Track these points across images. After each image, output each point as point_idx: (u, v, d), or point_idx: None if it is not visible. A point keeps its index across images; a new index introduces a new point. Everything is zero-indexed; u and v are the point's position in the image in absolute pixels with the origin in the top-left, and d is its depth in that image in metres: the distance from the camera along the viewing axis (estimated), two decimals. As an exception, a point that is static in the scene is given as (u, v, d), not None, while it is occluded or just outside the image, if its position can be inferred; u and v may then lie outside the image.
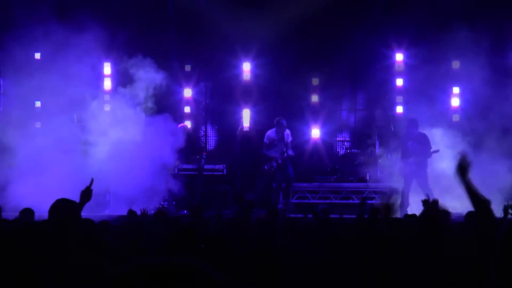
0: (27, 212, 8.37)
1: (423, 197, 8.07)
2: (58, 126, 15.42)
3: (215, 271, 1.83)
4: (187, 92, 17.73)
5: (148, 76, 15.81)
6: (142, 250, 5.69)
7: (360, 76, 18.10)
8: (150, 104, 15.83)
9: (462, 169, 4.72)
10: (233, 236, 5.56)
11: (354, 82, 18.30)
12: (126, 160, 15.10)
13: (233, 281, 1.89)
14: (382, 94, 17.61)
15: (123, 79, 16.08)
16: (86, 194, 5.53)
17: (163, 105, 16.23)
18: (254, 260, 3.36)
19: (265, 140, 15.89)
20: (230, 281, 1.89)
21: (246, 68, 17.60)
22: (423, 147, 15.01)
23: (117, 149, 15.34)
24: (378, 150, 17.15)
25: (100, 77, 16.53)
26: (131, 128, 15.47)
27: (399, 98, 17.51)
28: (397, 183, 14.81)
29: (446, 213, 5.21)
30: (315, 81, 17.83)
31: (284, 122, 15.80)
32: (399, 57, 17.49)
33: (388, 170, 16.25)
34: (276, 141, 15.80)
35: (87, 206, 5.58)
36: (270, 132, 15.89)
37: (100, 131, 15.79)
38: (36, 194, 13.87)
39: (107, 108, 16.30)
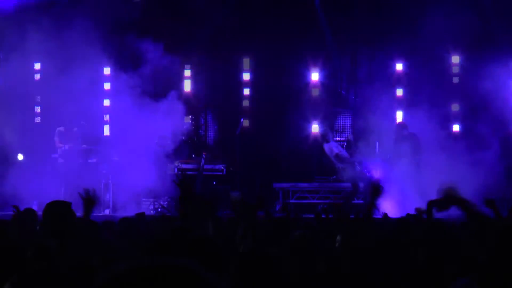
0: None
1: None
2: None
3: (206, 271, 1.84)
4: (187, 85, 17.63)
5: (154, 59, 15.70)
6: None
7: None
8: (153, 89, 15.72)
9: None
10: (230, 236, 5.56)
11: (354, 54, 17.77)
12: (127, 156, 15.07)
13: (224, 281, 1.91)
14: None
15: (125, 63, 15.97)
16: (91, 200, 5.58)
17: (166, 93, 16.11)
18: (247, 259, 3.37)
19: (337, 150, 15.92)
20: (221, 281, 1.90)
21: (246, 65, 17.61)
22: (415, 148, 15.07)
23: (117, 147, 15.34)
24: (377, 150, 17.07)
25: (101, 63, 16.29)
26: (133, 120, 15.33)
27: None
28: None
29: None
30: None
31: None
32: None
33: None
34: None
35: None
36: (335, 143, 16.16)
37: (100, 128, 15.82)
38: (36, 194, 13.92)
39: (106, 102, 16.31)
